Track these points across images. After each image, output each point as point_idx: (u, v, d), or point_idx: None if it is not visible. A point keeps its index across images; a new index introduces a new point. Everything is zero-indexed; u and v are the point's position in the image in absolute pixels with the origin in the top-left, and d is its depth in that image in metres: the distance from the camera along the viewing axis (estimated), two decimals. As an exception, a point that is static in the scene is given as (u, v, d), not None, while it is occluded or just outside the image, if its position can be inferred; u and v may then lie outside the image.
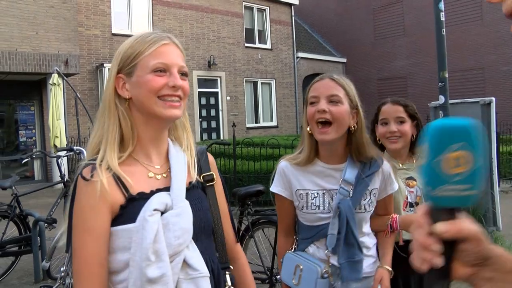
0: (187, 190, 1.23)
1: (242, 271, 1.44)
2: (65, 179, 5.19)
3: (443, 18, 4.50)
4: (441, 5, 4.50)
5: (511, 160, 9.92)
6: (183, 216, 1.17)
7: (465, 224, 0.66)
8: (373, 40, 21.92)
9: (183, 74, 1.23)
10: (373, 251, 1.83)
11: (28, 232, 4.73)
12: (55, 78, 9.92)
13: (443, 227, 0.65)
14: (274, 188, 1.83)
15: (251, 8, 18.34)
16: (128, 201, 1.14)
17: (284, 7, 19.50)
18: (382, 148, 2.23)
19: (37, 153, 10.18)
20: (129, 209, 1.13)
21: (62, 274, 3.67)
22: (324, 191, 1.74)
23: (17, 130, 12.34)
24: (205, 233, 1.27)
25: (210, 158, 1.41)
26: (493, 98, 4.77)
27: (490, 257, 0.67)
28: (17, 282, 4.56)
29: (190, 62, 15.36)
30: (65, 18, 11.20)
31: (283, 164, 1.82)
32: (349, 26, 22.69)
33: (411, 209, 2.15)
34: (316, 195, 1.74)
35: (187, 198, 1.21)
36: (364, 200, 1.74)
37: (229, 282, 1.32)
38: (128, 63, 1.20)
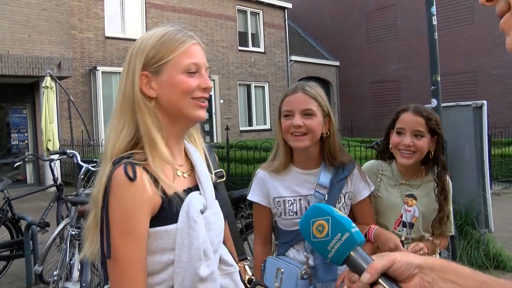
0: None
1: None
2: (58, 183, 5.16)
3: (435, 22, 4.55)
4: (433, 9, 4.54)
5: (503, 162, 10.01)
6: (218, 214, 1.21)
7: (377, 262, 0.75)
8: (366, 44, 22.05)
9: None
10: None
11: (20, 236, 4.70)
12: (48, 81, 9.89)
13: (365, 276, 0.74)
14: (253, 197, 1.88)
15: (245, 12, 18.39)
16: (166, 201, 1.11)
17: (277, 11, 19.57)
18: (392, 156, 2.06)
19: (30, 156, 10.12)
20: (168, 209, 1.11)
21: (55, 278, 3.65)
22: (301, 197, 1.81)
23: (9, 133, 12.26)
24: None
25: (215, 154, 1.45)
26: (485, 101, 4.81)
27: (419, 264, 0.75)
28: (8, 287, 4.52)
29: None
30: (58, 21, 11.16)
31: (261, 173, 1.88)
32: (342, 29, 22.80)
33: (404, 228, 1.98)
34: (293, 202, 1.80)
35: None
36: (339, 203, 1.81)
37: (249, 272, 1.37)
38: (155, 61, 1.15)
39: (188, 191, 1.18)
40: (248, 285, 1.35)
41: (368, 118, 20.83)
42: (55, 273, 3.73)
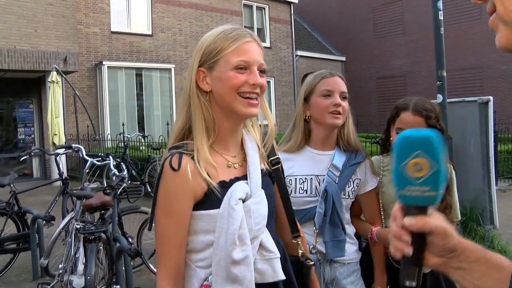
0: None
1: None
2: (64, 177, 5.19)
3: (441, 17, 4.52)
4: (440, 4, 4.51)
5: (509, 159, 9.94)
6: (261, 203, 1.29)
7: (431, 220, 0.75)
8: (373, 39, 21.92)
9: (262, 71, 1.29)
10: (354, 239, 1.98)
11: (26, 230, 4.73)
12: (54, 75, 9.95)
13: (410, 221, 0.74)
14: None
15: (250, 6, 18.33)
16: (211, 189, 1.23)
17: (283, 6, 19.48)
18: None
19: (36, 150, 10.19)
20: (212, 196, 1.23)
21: (60, 271, 3.69)
22: (312, 177, 1.89)
23: (15, 128, 12.33)
24: (272, 216, 1.38)
25: (274, 141, 1.51)
26: (491, 97, 4.78)
27: (456, 249, 0.76)
28: (15, 279, 4.57)
29: (189, 60, 15.40)
30: (64, 16, 11.18)
31: None
32: (348, 24, 22.68)
33: None
34: (304, 180, 1.89)
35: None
36: (349, 187, 1.91)
37: (301, 247, 1.46)
38: (210, 58, 1.25)
39: (235, 180, 1.28)
40: (301, 259, 1.44)
41: (373, 114, 20.74)
42: (60, 266, 3.76)
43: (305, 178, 1.89)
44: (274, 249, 1.29)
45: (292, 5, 19.80)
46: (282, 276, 1.28)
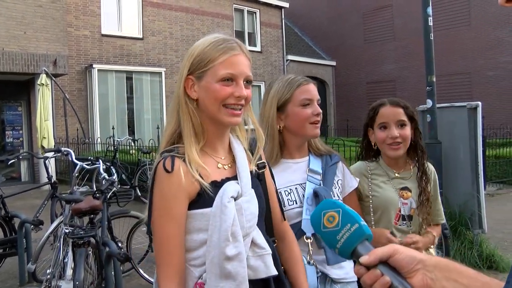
0: None
1: (290, 248, 1.53)
2: (52, 181, 5.14)
3: (431, 23, 4.56)
4: (429, 10, 4.56)
5: (497, 163, 10.06)
6: (252, 202, 1.33)
7: (377, 248, 0.81)
8: (363, 44, 22.08)
9: (248, 82, 1.34)
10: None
11: (13, 234, 4.67)
12: (43, 78, 9.85)
13: (364, 259, 0.80)
14: None
15: (241, 11, 18.37)
16: (203, 188, 1.27)
17: (274, 10, 19.56)
18: (377, 153, 2.10)
19: (24, 154, 10.07)
20: (204, 195, 1.27)
21: (48, 276, 3.64)
22: (297, 186, 1.80)
23: (3, 131, 12.18)
24: (261, 216, 1.40)
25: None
26: (480, 103, 4.82)
27: (422, 260, 0.78)
28: (1, 285, 4.50)
29: (179, 64, 15.43)
30: (54, 18, 11.11)
31: None
32: (339, 29, 22.82)
33: (404, 222, 1.99)
34: (289, 191, 1.79)
35: None
36: (335, 188, 1.84)
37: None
38: (199, 68, 1.31)
39: (226, 180, 1.32)
40: None
41: (364, 118, 20.83)
42: (48, 271, 3.71)
43: (290, 189, 1.79)
44: (265, 245, 1.32)
45: (283, 9, 19.88)
46: (274, 272, 1.31)
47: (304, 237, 1.73)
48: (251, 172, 1.40)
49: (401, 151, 1.98)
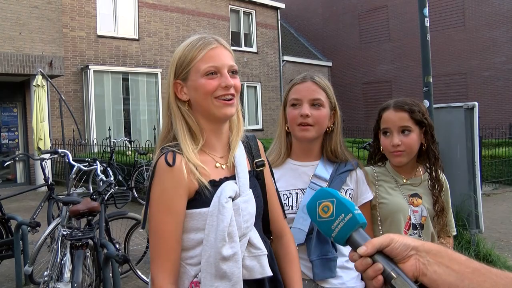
0: None
1: (287, 247, 1.52)
2: (49, 182, 5.12)
3: (427, 24, 4.57)
4: (426, 11, 4.57)
5: (493, 163, 10.10)
6: (250, 202, 1.32)
7: (374, 239, 0.83)
8: (359, 45, 22.13)
9: (234, 72, 1.34)
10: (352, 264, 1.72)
11: (10, 236, 4.65)
12: (39, 79, 9.81)
13: (361, 249, 0.82)
14: None
15: (237, 12, 18.37)
16: (202, 187, 1.27)
17: (270, 11, 19.57)
18: (384, 157, 1.95)
19: (20, 155, 10.02)
20: (202, 194, 1.27)
21: (46, 278, 3.62)
22: (297, 191, 1.70)
23: (-1, 132, 12.14)
24: (259, 216, 1.41)
25: (259, 143, 1.54)
26: (476, 103, 4.85)
27: (416, 246, 0.81)
28: (-2, 287, 4.48)
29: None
30: (49, 19, 11.06)
31: None
32: (334, 30, 22.87)
33: (415, 231, 1.83)
34: (288, 195, 1.70)
35: None
36: None
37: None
38: (182, 69, 1.33)
39: (224, 179, 1.32)
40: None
41: (360, 119, 20.90)
42: (45, 273, 3.69)
43: (289, 193, 1.69)
44: (262, 246, 1.32)
45: (279, 10, 19.90)
46: (269, 272, 1.31)
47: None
48: (250, 171, 1.40)
49: (404, 159, 1.83)
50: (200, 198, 1.27)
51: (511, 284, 0.72)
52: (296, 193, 1.70)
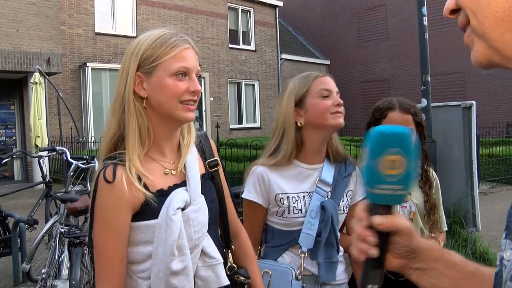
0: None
1: (244, 245, 1.51)
2: (47, 180, 5.11)
3: (426, 23, 4.58)
4: (424, 10, 4.58)
5: (490, 162, 10.13)
6: (201, 211, 1.26)
7: (399, 219, 0.76)
8: (357, 43, 22.13)
9: (199, 77, 1.30)
10: (342, 258, 1.79)
11: (7, 234, 4.64)
12: (36, 77, 9.77)
13: (379, 219, 0.74)
14: (249, 195, 1.73)
15: (236, 9, 18.35)
16: (148, 198, 1.19)
17: (268, 9, 19.55)
18: None
19: (18, 153, 9.99)
20: (150, 206, 1.20)
21: (43, 276, 3.62)
22: (305, 194, 1.71)
23: (-4, 130, 12.11)
24: (214, 222, 1.36)
25: (211, 142, 1.49)
26: (474, 102, 4.85)
27: (416, 250, 0.77)
28: (-4, 285, 4.48)
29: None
30: (47, 16, 11.03)
31: (260, 169, 1.73)
32: (333, 28, 22.85)
33: None
34: (297, 199, 1.69)
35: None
36: (342, 201, 1.74)
37: (231, 259, 1.42)
38: (148, 63, 1.22)
39: (174, 187, 1.25)
40: (228, 272, 1.36)
41: (358, 117, 20.87)
42: (43, 271, 3.69)
43: (298, 196, 1.69)
44: (216, 255, 1.28)
45: (277, 8, 19.89)
46: (226, 282, 1.28)
47: (299, 251, 1.67)
48: (203, 174, 1.34)
49: None
50: (147, 210, 1.19)
51: None
52: (304, 196, 1.71)
